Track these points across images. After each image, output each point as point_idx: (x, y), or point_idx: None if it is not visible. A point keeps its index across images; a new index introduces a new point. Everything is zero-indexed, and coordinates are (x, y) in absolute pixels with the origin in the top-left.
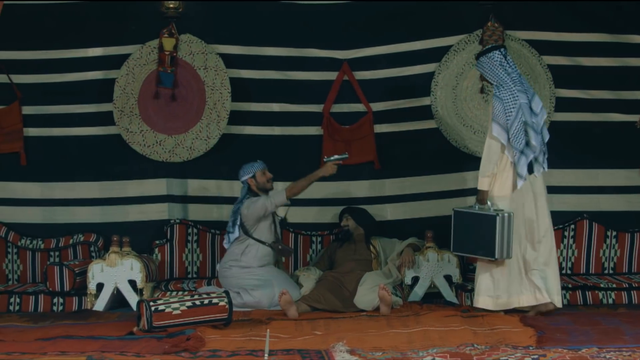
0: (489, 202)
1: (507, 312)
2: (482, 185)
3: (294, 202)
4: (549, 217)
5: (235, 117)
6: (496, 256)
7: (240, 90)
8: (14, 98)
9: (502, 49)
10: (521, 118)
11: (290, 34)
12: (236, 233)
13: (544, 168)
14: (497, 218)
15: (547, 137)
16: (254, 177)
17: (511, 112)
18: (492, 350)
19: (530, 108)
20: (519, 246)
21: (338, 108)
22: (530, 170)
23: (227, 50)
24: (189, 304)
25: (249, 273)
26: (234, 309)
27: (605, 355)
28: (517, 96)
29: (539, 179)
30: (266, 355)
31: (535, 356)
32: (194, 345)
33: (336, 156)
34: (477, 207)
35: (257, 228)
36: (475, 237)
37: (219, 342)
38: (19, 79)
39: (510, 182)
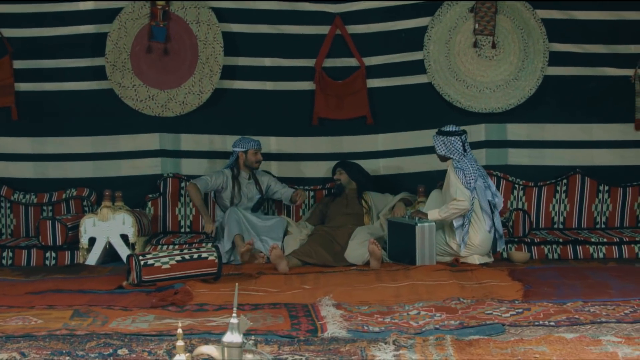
0: (416, 219)
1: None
2: (432, 216)
3: (287, 157)
4: None
5: (228, 72)
6: (417, 263)
7: (232, 44)
8: (4, 52)
9: (462, 136)
10: (475, 197)
11: None
12: None
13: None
14: (417, 227)
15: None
16: (245, 152)
17: (470, 182)
18: (477, 304)
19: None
20: None
21: (330, 62)
22: None
23: (219, 4)
24: (178, 258)
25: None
26: None
27: (590, 309)
28: (474, 175)
29: None
30: (234, 309)
31: (520, 310)
32: (182, 299)
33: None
34: (407, 217)
35: (218, 195)
36: (403, 245)
37: (206, 296)
38: (10, 32)
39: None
